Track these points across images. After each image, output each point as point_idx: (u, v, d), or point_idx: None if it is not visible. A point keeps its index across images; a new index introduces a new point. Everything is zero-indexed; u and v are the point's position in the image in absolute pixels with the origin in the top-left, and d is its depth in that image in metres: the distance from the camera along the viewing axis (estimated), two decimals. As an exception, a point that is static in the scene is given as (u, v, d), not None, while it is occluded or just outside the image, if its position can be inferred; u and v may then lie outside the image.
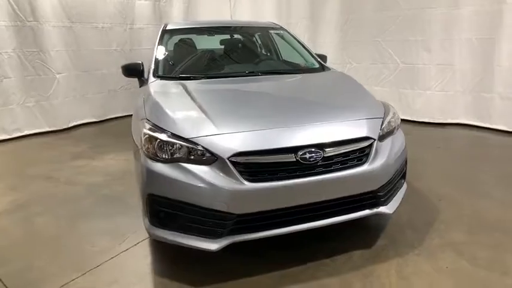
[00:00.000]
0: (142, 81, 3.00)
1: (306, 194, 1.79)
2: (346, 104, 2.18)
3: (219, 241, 1.77)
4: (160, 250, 2.19)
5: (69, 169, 3.66)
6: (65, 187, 3.23)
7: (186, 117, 1.94)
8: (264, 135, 1.79)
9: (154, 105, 2.10)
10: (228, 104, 2.15)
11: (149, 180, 1.82)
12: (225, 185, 1.69)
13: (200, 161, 1.76)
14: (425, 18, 4.45)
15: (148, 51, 5.94)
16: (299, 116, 1.96)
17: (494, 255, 2.02)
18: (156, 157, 1.83)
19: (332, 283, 1.85)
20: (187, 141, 1.79)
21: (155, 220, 1.87)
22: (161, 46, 3.04)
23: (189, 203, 1.74)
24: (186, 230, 1.82)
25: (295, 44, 3.33)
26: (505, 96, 4.17)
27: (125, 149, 4.13)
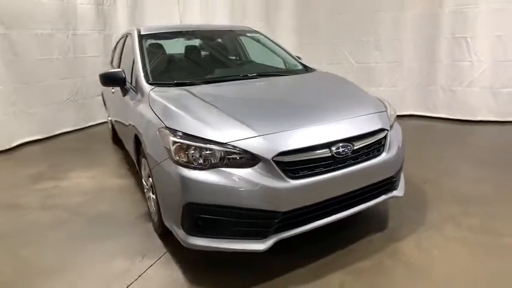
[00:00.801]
0: (125, 89, 2.88)
1: (339, 185, 1.93)
2: (353, 100, 2.39)
3: (265, 241, 1.82)
4: (187, 261, 2.14)
5: (36, 193, 3.30)
6: (41, 213, 2.92)
7: (215, 122, 1.93)
8: (300, 134, 1.89)
9: (174, 113, 2.06)
10: (249, 106, 2.19)
11: (187, 188, 1.79)
12: (272, 184, 1.75)
13: (239, 164, 1.79)
14: (376, 20, 4.98)
15: (95, 59, 5.71)
16: (320, 113, 2.10)
17: (485, 221, 2.40)
18: (191, 164, 1.82)
19: (365, 265, 2.02)
20: (225, 146, 1.81)
21: (194, 229, 1.85)
22: (142, 52, 2.93)
23: (234, 206, 1.76)
24: (230, 234, 1.83)
25: (274, 47, 3.49)
26: (446, 89, 4.86)
27: (88, 165, 3.89)
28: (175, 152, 1.86)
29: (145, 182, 2.56)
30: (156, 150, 2.03)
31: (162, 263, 2.15)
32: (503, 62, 4.45)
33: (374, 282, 1.90)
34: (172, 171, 1.86)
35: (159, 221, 2.27)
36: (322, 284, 1.90)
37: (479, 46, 4.50)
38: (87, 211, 2.89)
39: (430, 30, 4.73)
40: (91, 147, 4.70)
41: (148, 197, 2.52)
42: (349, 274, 1.96)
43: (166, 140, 1.92)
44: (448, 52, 4.69)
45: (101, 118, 5.89)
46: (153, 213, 2.43)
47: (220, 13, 5.99)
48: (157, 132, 2.02)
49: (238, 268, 2.06)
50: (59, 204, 3.04)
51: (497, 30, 4.39)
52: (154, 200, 2.26)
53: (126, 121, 2.81)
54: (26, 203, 3.10)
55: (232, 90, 2.54)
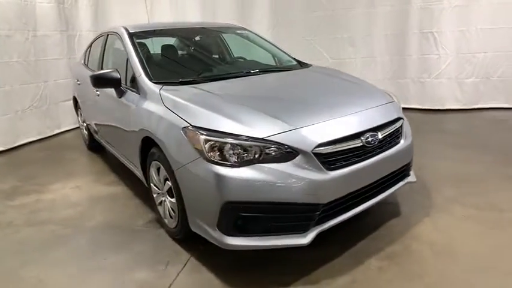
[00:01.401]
0: (121, 91, 2.72)
1: (370, 174, 1.99)
2: (364, 92, 2.46)
3: (307, 234, 1.82)
4: (216, 264, 2.06)
5: (16, 209, 2.99)
6: (31, 230, 2.65)
7: (246, 118, 1.89)
8: (332, 125, 1.92)
9: (198, 111, 1.97)
10: (271, 101, 2.17)
11: (225, 187, 1.73)
12: (313, 177, 1.76)
13: (276, 159, 1.77)
14: (349, 17, 5.17)
15: (58, 62, 5.30)
16: (341, 106, 2.14)
17: (484, 199, 2.61)
18: (227, 162, 1.77)
19: (396, 250, 2.10)
20: (261, 141, 1.78)
21: (233, 229, 1.80)
22: (137, 51, 2.78)
23: (275, 202, 1.74)
24: (270, 231, 1.80)
25: (266, 44, 3.49)
26: (416, 81, 5.18)
27: (68, 175, 3.63)
28: (208, 150, 1.79)
29: (155, 187, 2.43)
30: (181, 151, 1.94)
31: (190, 269, 2.06)
32: (467, 54, 4.86)
33: (409, 264, 1.98)
34: (206, 170, 1.79)
35: (180, 226, 2.17)
36: (363, 269, 1.95)
37: (445, 40, 4.86)
38: (84, 223, 2.69)
39: (399, 26, 5.02)
40: (64, 156, 4.36)
41: (160, 202, 2.40)
42: (384, 259, 2.02)
43: (196, 140, 1.84)
44: (417, 46, 5.01)
45: (68, 125, 5.51)
46: (169, 218, 2.32)
47: (191, 11, 5.86)
48: (181, 132, 1.93)
49: (275, 264, 2.04)
50: (48, 219, 2.79)
51: (460, 25, 4.77)
52: (174, 204, 2.16)
53: (125, 125, 2.65)
54: (8, 220, 2.80)
55: (244, 86, 2.50)
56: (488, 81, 4.90)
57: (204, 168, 1.80)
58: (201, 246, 2.22)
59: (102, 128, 3.43)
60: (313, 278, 1.91)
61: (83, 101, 4.04)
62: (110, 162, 3.94)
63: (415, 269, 1.93)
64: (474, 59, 4.85)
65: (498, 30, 4.68)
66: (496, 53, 4.77)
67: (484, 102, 4.98)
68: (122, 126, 2.76)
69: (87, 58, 4.16)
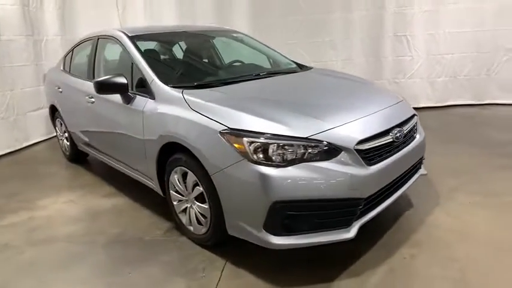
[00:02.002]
0: (129, 96, 2.63)
1: (398, 167, 2.12)
2: (377, 91, 2.62)
3: (350, 228, 1.90)
4: (255, 266, 2.07)
5: (9, 229, 2.76)
6: (36, 250, 2.46)
7: (284, 118, 1.93)
8: (367, 123, 2.02)
9: (234, 114, 1.98)
10: (298, 102, 2.23)
11: (273, 187, 1.76)
12: (356, 172, 1.85)
13: (320, 157, 1.83)
14: (327, 21, 5.40)
15: (24, 69, 4.95)
16: (364, 104, 2.27)
17: (484, 187, 2.87)
18: (273, 163, 1.80)
19: (420, 238, 2.25)
20: (305, 140, 1.83)
21: (280, 228, 1.83)
22: (143, 55, 2.71)
23: (321, 199, 1.80)
24: (316, 228, 1.86)
25: (263, 47, 3.56)
26: (392, 81, 5.53)
27: (56, 190, 3.44)
28: (253, 152, 1.82)
29: (176, 194, 2.38)
30: (219, 154, 1.93)
31: (230, 274, 2.05)
32: (436, 55, 5.30)
33: (437, 250, 2.13)
34: (251, 172, 1.81)
35: (213, 231, 2.16)
36: (397, 259, 2.07)
37: (417, 43, 5.26)
38: (96, 238, 2.55)
39: (375, 29, 5.34)
40: (44, 170, 4.07)
41: (184, 209, 2.36)
42: (413, 247, 2.16)
43: (238, 142, 1.86)
44: (392, 49, 5.36)
45: (38, 137, 5.16)
46: (196, 225, 2.29)
47: (167, 16, 5.75)
48: (219, 135, 1.93)
49: (314, 261, 2.09)
50: (52, 237, 2.61)
51: (430, 28, 5.20)
52: (206, 209, 2.14)
53: (135, 132, 2.56)
54: (4, 242, 2.58)
55: (262, 88, 2.54)
56: (456, 80, 5.38)
57: (249, 170, 1.82)
58: (235, 249, 2.22)
59: (96, 136, 3.27)
60: (354, 271, 1.99)
61: (65, 109, 3.82)
62: (99, 173, 3.77)
63: (445, 254, 2.09)
64: (443, 60, 5.30)
65: (463, 33, 5.16)
66: (462, 54, 5.25)
67: (453, 100, 5.45)
68: (129, 133, 2.66)
69: (68, 64, 3.94)
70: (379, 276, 1.95)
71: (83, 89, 3.31)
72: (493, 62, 5.20)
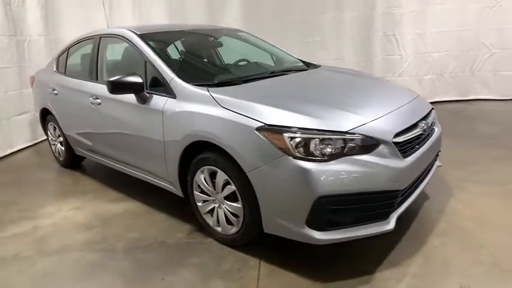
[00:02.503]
0: (144, 96, 2.54)
1: (426, 159, 2.18)
2: (394, 86, 2.68)
3: (390, 220, 1.92)
4: (291, 263, 2.05)
5: (13, 240, 2.58)
6: (52, 260, 2.31)
7: (321, 113, 1.93)
8: (397, 116, 2.06)
9: (269, 110, 1.94)
10: (327, 98, 2.24)
11: (318, 182, 1.75)
12: (395, 165, 1.87)
13: (360, 150, 1.84)
14: (320, 22, 5.47)
15: (7, 71, 4.67)
16: (387, 99, 2.32)
17: (489, 177, 3.00)
18: (317, 158, 1.80)
19: (445, 227, 2.31)
20: (346, 134, 1.84)
21: (324, 223, 1.82)
22: (157, 53, 2.63)
23: (364, 192, 1.81)
24: (358, 221, 1.87)
25: (269, 46, 3.56)
26: (382, 79, 5.69)
27: (56, 197, 3.28)
28: (295, 147, 1.80)
29: (201, 195, 2.32)
30: (256, 151, 1.90)
31: (268, 273, 2.02)
32: (424, 54, 5.50)
33: (464, 238, 2.20)
34: (294, 168, 1.79)
35: (245, 230, 2.12)
36: (429, 248, 2.13)
37: (405, 42, 5.44)
38: (114, 245, 2.44)
39: (365, 29, 5.47)
40: (38, 177, 3.85)
41: (211, 209, 2.31)
42: (441, 236, 2.22)
43: (278, 138, 1.84)
44: (382, 48, 5.51)
45: (23, 142, 4.89)
46: (225, 225, 2.23)
47: (157, 16, 5.62)
48: (256, 132, 1.90)
49: (348, 255, 2.11)
50: (64, 246, 2.46)
51: (417, 28, 5.39)
52: (239, 208, 2.10)
53: (153, 132, 2.47)
54: (13, 253, 2.41)
55: (285, 85, 2.53)
56: (442, 77, 5.60)
57: (291, 166, 1.80)
58: (266, 249, 2.19)
59: (102, 139, 3.12)
60: (392, 262, 2.02)
61: (62, 112, 3.63)
62: (99, 178, 3.61)
63: (471, 241, 2.16)
64: (430, 58, 5.51)
65: (448, 32, 5.39)
66: (447, 53, 5.48)
67: (439, 96, 5.68)
68: (145, 134, 2.57)
69: (62, 65, 3.75)
70: (416, 265, 1.99)
71: (85, 90, 3.17)
72: (476, 59, 5.46)
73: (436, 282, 1.87)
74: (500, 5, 5.17)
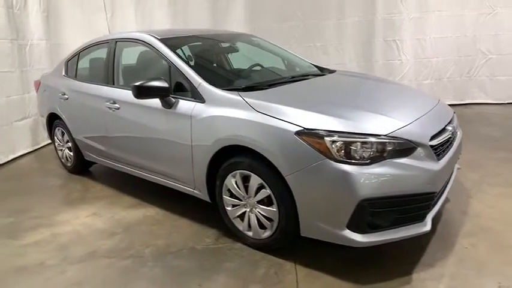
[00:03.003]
0: (170, 101, 2.51)
1: (453, 160, 2.23)
2: (418, 92, 2.74)
3: (426, 221, 1.95)
4: (330, 265, 2.07)
5: (35, 248, 2.51)
6: (80, 267, 2.26)
7: (358, 117, 1.96)
8: (427, 120, 2.11)
9: (306, 114, 1.96)
10: (359, 102, 2.27)
11: (360, 185, 1.77)
12: (431, 167, 1.91)
13: (399, 153, 1.86)
14: (322, 27, 5.55)
15: (9, 75, 4.58)
16: (413, 103, 2.37)
17: (502, 179, 3.06)
18: (356, 161, 1.82)
19: (471, 229, 2.35)
20: (385, 138, 1.86)
21: (365, 226, 1.84)
22: (182, 58, 2.62)
23: (404, 194, 1.84)
24: (397, 223, 1.89)
25: (281, 51, 3.58)
26: (383, 84, 5.80)
27: (68, 204, 3.21)
28: (337, 151, 1.82)
29: (230, 199, 2.31)
30: (296, 155, 1.90)
31: (305, 276, 2.02)
32: (423, 59, 5.63)
33: (492, 238, 2.25)
34: (336, 171, 1.80)
35: (280, 234, 2.12)
36: (460, 248, 2.17)
37: (405, 47, 5.56)
38: (142, 251, 2.39)
39: (366, 35, 5.57)
40: (43, 183, 3.75)
41: (242, 213, 2.29)
42: (469, 237, 2.26)
43: (319, 142, 1.85)
44: (382, 53, 5.62)
45: (25, 148, 4.76)
46: (257, 229, 2.22)
47: (160, 20, 5.58)
48: (295, 136, 1.91)
49: (382, 257, 2.13)
50: (90, 253, 2.40)
51: (417, 34, 5.52)
52: (273, 212, 2.09)
53: (180, 137, 2.44)
54: (38, 262, 2.34)
55: (313, 90, 2.56)
56: (440, 82, 5.75)
57: (333, 169, 1.81)
58: (299, 252, 2.20)
59: (119, 144, 3.07)
60: (427, 263, 2.05)
61: (72, 117, 3.55)
62: (112, 184, 3.54)
63: (499, 241, 2.21)
64: (429, 63, 5.64)
65: (446, 38, 5.54)
66: (445, 58, 5.62)
67: (438, 100, 5.81)
68: (170, 138, 2.54)
69: (73, 69, 3.69)
70: (451, 266, 2.02)
71: (100, 95, 3.12)
72: (473, 64, 5.62)
73: (473, 282, 1.90)
74: (495, 12, 5.35)
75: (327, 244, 1.98)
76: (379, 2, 5.40)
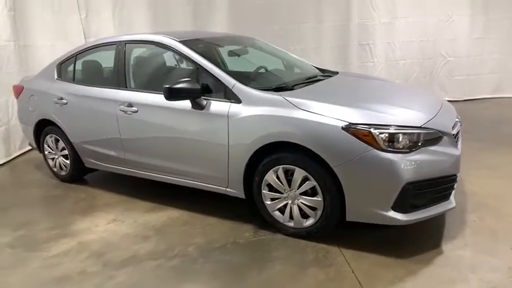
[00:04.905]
0: (200, 102, 2.65)
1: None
2: (421, 90, 3.16)
3: (451, 199, 2.34)
4: (372, 245, 2.35)
5: (66, 258, 2.50)
6: (127, 272, 2.31)
7: (394, 111, 2.30)
8: (445, 113, 2.51)
9: (348, 110, 2.26)
10: (386, 99, 2.62)
11: (405, 171, 2.09)
12: (455, 153, 2.30)
13: (431, 142, 2.23)
14: (301, 31, 5.92)
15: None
16: (429, 100, 2.78)
17: (482, 163, 3.57)
18: (400, 149, 2.14)
19: (470, 205, 2.79)
20: (421, 129, 2.22)
21: (408, 206, 2.17)
22: (210, 59, 2.77)
23: (437, 177, 2.21)
24: (431, 202, 2.25)
25: (284, 54, 3.86)
26: (357, 84, 6.33)
27: (80, 213, 3.17)
28: (384, 142, 2.13)
29: (270, 193, 2.51)
30: (344, 148, 2.17)
31: (353, 256, 2.29)
32: (393, 61, 6.26)
33: (492, 211, 2.68)
34: (383, 160, 2.11)
35: (324, 221, 2.37)
36: (471, 221, 2.59)
37: (377, 50, 6.14)
38: (185, 250, 2.49)
39: (342, 38, 6.06)
40: (40, 194, 3.63)
41: (283, 205, 2.50)
42: (473, 212, 2.68)
43: (365, 134, 2.14)
44: (357, 56, 6.15)
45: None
46: (299, 219, 2.45)
47: (138, 23, 5.55)
48: (342, 131, 2.18)
49: (410, 236, 2.47)
50: (132, 257, 2.46)
51: (387, 38, 6.13)
52: (318, 201, 2.34)
53: (215, 137, 2.60)
54: (78, 270, 2.35)
55: (338, 88, 2.90)
56: (408, 82, 6.42)
57: (380, 158, 2.11)
58: (337, 237, 2.47)
59: (135, 147, 3.10)
60: (449, 236, 2.43)
61: (72, 122, 3.47)
62: (115, 189, 3.53)
63: (501, 213, 2.66)
64: (398, 65, 6.29)
65: (412, 43, 6.22)
66: (412, 61, 6.31)
67: (406, 99, 6.50)
68: (204, 139, 2.66)
69: (69, 72, 3.62)
70: (469, 237, 2.43)
71: (112, 98, 3.13)
72: (434, 66, 6.38)
73: (491, 246, 2.31)
74: (452, 20, 6.15)
75: (359, 227, 2.27)
76: (354, 8, 5.93)
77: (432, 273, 2.12)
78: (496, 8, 6.14)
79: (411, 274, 2.11)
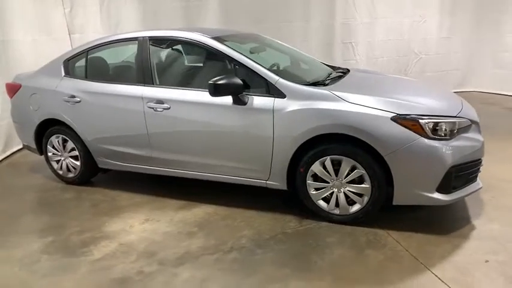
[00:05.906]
0: (243, 98, 2.71)
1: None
2: (433, 85, 3.45)
3: (478, 180, 2.64)
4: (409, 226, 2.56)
5: (114, 260, 2.44)
6: (190, 268, 2.31)
7: (431, 102, 2.57)
8: (467, 105, 2.81)
9: (393, 102, 2.45)
10: (411, 92, 2.88)
11: (449, 155, 2.33)
12: (481, 139, 2.58)
13: (465, 130, 2.49)
14: (290, 29, 6.09)
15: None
16: (444, 94, 3.07)
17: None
18: (443, 137, 2.38)
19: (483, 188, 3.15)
20: (457, 118, 2.47)
21: (450, 187, 2.42)
22: (247, 57, 2.83)
23: (472, 160, 2.48)
24: (466, 182, 2.53)
25: (293, 51, 4.00)
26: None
27: (108, 215, 3.09)
28: (431, 130, 2.35)
29: (314, 183, 2.64)
30: (393, 137, 2.36)
31: (400, 236, 2.48)
32: (373, 59, 6.66)
33: (504, 191, 3.03)
34: (430, 146, 2.32)
35: (370, 206, 2.55)
36: (487, 201, 2.90)
37: (359, 48, 6.50)
38: (238, 243, 2.54)
39: (327, 37, 6.34)
40: (52, 198, 3.43)
41: (330, 194, 2.63)
42: (487, 192, 2.98)
43: (414, 124, 2.35)
44: (341, 54, 6.46)
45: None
46: (345, 206, 2.61)
47: (126, 20, 5.37)
48: (391, 121, 2.37)
49: (443, 215, 2.73)
50: (185, 254, 2.46)
51: (367, 37, 6.52)
52: (366, 188, 2.51)
53: (260, 131, 2.67)
54: (135, 271, 2.31)
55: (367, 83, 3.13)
56: (385, 78, 6.89)
57: (427, 145, 2.33)
58: (379, 221, 2.67)
59: (165, 144, 3.06)
60: (475, 214, 2.73)
61: (87, 121, 3.32)
62: (131, 189, 3.45)
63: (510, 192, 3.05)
64: (377, 62, 6.70)
65: (389, 41, 6.67)
66: (389, 58, 6.76)
67: (385, 94, 6.96)
68: (248, 133, 2.72)
69: (80, 69, 3.45)
70: (491, 212, 2.74)
71: (138, 95, 3.06)
72: (408, 63, 6.90)
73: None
74: (424, 20, 6.69)
75: (395, 211, 2.51)
76: (338, 9, 6.23)
77: (475, 246, 2.39)
78: (460, 10, 6.78)
79: (457, 248, 2.37)
